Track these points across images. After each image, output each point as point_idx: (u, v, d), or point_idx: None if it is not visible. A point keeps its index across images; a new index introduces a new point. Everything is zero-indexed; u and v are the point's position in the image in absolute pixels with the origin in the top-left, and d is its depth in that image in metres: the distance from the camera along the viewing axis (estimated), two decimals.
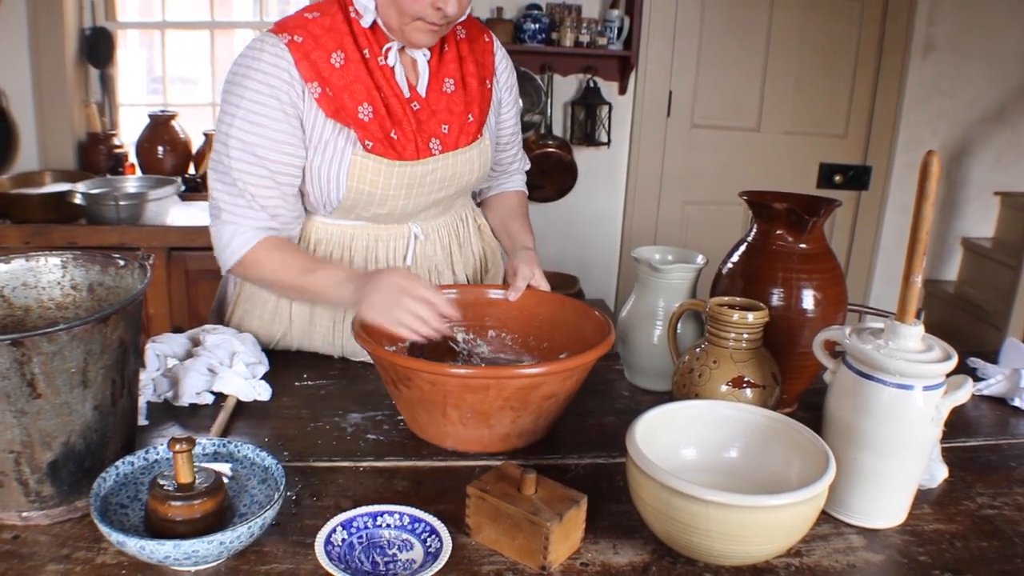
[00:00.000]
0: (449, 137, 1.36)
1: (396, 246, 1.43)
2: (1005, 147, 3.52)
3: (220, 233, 1.32)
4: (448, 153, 1.36)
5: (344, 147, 1.28)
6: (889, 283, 3.67)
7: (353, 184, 1.30)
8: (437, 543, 0.90)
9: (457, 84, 1.38)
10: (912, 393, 0.94)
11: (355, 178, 1.30)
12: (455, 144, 1.37)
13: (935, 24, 3.35)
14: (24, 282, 1.05)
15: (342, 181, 1.30)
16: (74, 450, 0.91)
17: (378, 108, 1.29)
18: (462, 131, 1.37)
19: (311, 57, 1.25)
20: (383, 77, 1.30)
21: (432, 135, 1.34)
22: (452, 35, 1.39)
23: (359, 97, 1.27)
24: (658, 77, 3.39)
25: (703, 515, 0.83)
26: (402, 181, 1.32)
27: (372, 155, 1.29)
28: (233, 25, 3.57)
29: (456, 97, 1.37)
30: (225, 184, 1.29)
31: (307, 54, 1.25)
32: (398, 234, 1.42)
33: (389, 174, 1.30)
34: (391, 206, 1.35)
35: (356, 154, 1.28)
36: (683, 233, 3.61)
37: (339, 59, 1.26)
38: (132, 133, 3.29)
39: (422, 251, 1.45)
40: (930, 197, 0.92)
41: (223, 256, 1.33)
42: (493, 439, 1.13)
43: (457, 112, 1.37)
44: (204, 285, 2.78)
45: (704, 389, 1.12)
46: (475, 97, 1.39)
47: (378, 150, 1.29)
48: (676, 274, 1.33)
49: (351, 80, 1.27)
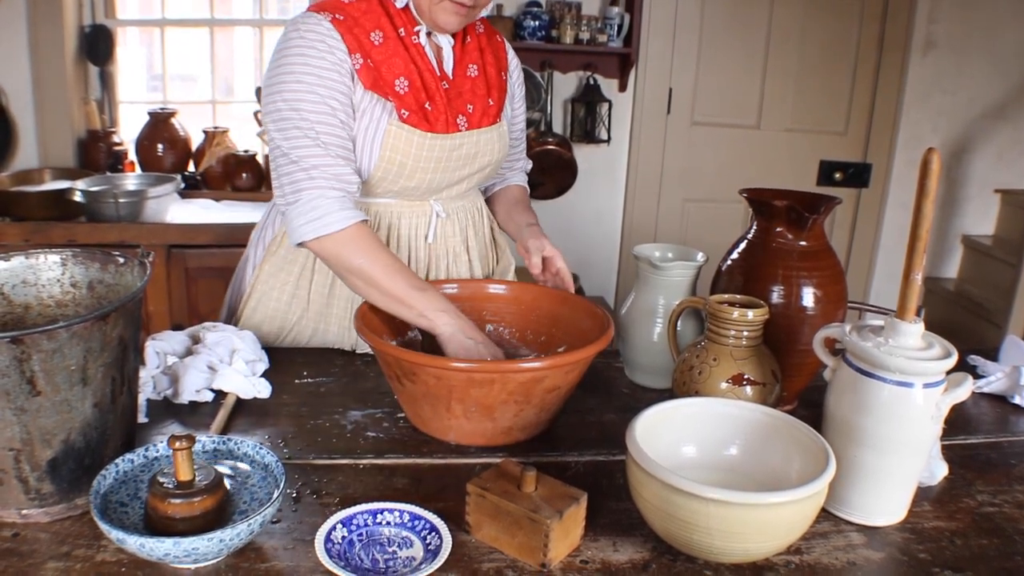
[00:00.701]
0: (473, 116, 1.43)
1: (419, 223, 1.47)
2: (1006, 144, 3.52)
3: (313, 204, 1.26)
4: (473, 131, 1.42)
5: (380, 116, 1.33)
6: (889, 280, 3.67)
7: (386, 154, 1.34)
8: (437, 540, 0.90)
9: (479, 70, 1.46)
10: (912, 391, 0.94)
11: (388, 147, 1.34)
12: (479, 123, 1.44)
13: (935, 21, 3.35)
14: (24, 280, 1.05)
15: (375, 150, 1.34)
16: (74, 448, 0.91)
17: (414, 81, 1.35)
18: (484, 112, 1.45)
19: (353, 32, 1.31)
20: (418, 54, 1.36)
21: (459, 112, 1.41)
22: (472, 29, 1.47)
23: (397, 71, 1.34)
24: (658, 74, 3.39)
25: (703, 512, 0.83)
26: (432, 154, 1.37)
27: (407, 125, 1.34)
28: (233, 22, 3.57)
29: (479, 81, 1.45)
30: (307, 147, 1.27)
31: (350, 29, 1.31)
32: (420, 211, 1.47)
33: (421, 145, 1.35)
34: (419, 179, 1.40)
35: (392, 124, 1.33)
36: (683, 230, 3.61)
37: (378, 37, 1.33)
38: (132, 130, 3.29)
39: (443, 230, 1.49)
40: (930, 194, 0.92)
41: (310, 225, 1.26)
42: (496, 432, 1.13)
43: (480, 95, 1.45)
44: (204, 283, 2.79)
45: (704, 386, 1.12)
46: (494, 84, 1.48)
47: (412, 120, 1.34)
48: (676, 271, 1.33)
49: (390, 55, 1.33)
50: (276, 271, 1.48)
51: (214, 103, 3.52)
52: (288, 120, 1.28)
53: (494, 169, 1.54)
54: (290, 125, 1.28)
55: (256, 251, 1.54)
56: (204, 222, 2.83)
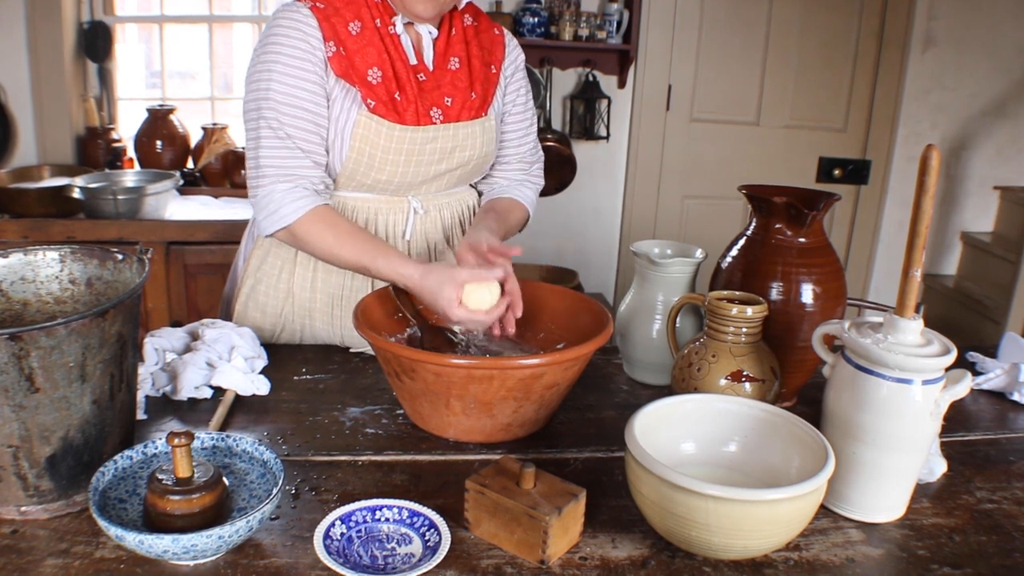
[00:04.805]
0: (451, 109, 1.40)
1: (396, 220, 1.46)
2: (1005, 141, 3.52)
3: (268, 199, 1.33)
4: (449, 124, 1.39)
5: (350, 107, 1.33)
6: (888, 277, 3.67)
7: (356, 144, 1.34)
8: (436, 537, 0.91)
9: (462, 63, 1.42)
10: (911, 387, 0.94)
11: (358, 138, 1.34)
12: (456, 117, 1.40)
13: (935, 18, 3.34)
14: (22, 276, 1.05)
15: (346, 140, 1.34)
16: (72, 444, 0.91)
17: (386, 72, 1.34)
18: (464, 106, 1.41)
19: (331, 20, 1.32)
20: (393, 45, 1.35)
21: (434, 104, 1.38)
22: (460, 20, 1.43)
23: (370, 60, 1.33)
24: (657, 71, 3.39)
25: (702, 509, 0.83)
26: (402, 146, 1.36)
27: (375, 116, 1.33)
28: (231, 19, 3.57)
29: (460, 74, 1.42)
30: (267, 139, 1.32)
31: (328, 17, 1.31)
32: (398, 207, 1.46)
33: (390, 136, 1.35)
34: (390, 172, 1.39)
35: (360, 114, 1.33)
36: (682, 227, 3.61)
37: (356, 27, 1.33)
38: (130, 127, 3.28)
39: (422, 226, 1.48)
40: (930, 191, 0.91)
41: (269, 220, 1.34)
42: (495, 428, 1.13)
43: (461, 88, 1.41)
44: (202, 279, 2.79)
45: (703, 383, 1.12)
46: (478, 77, 1.43)
47: (380, 111, 1.33)
48: (675, 268, 1.33)
49: (364, 44, 1.33)
50: (260, 263, 1.49)
51: (213, 100, 3.52)
52: (255, 111, 1.32)
53: (480, 165, 1.48)
54: (256, 116, 1.32)
55: (247, 245, 1.55)
56: (203, 219, 2.83)
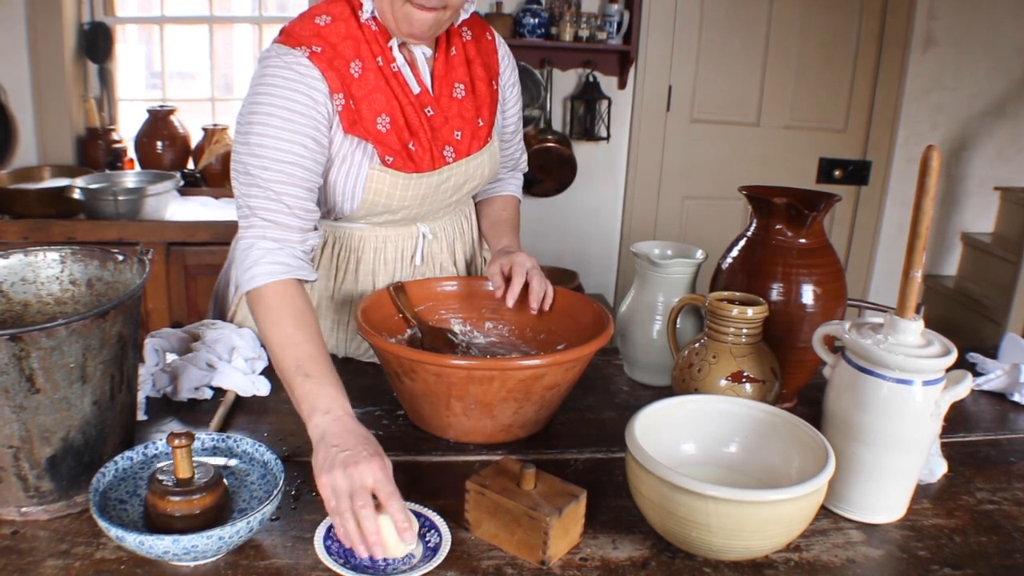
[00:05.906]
0: (462, 144, 1.34)
1: (405, 246, 1.42)
2: (1006, 141, 3.51)
3: (246, 255, 1.17)
4: (461, 160, 1.34)
5: (361, 161, 1.26)
6: (889, 278, 3.67)
7: (369, 197, 1.28)
8: (436, 538, 0.91)
9: (467, 89, 1.35)
10: (912, 388, 0.94)
11: (371, 191, 1.28)
12: (467, 151, 1.35)
13: (935, 18, 3.34)
14: (23, 277, 1.05)
15: (357, 193, 1.28)
16: (73, 445, 0.91)
17: (396, 118, 1.26)
18: (474, 136, 1.35)
19: (334, 65, 1.21)
20: (398, 85, 1.26)
21: (446, 143, 1.32)
22: (458, 36, 1.35)
23: (378, 107, 1.24)
24: (658, 72, 3.38)
25: (702, 510, 0.83)
26: (418, 192, 1.31)
27: (390, 169, 1.27)
28: (232, 20, 3.57)
29: (467, 103, 1.35)
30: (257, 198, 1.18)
31: (330, 63, 1.20)
32: (407, 234, 1.41)
33: (406, 186, 1.29)
34: (405, 212, 1.35)
35: (373, 168, 1.26)
36: (682, 228, 3.60)
37: (357, 69, 1.23)
38: (131, 128, 3.28)
39: (430, 250, 1.45)
40: (930, 192, 0.91)
41: (243, 278, 1.17)
42: (495, 430, 1.13)
43: (468, 118, 1.35)
44: (203, 280, 2.78)
45: (703, 384, 1.12)
46: (484, 101, 1.37)
47: (396, 164, 1.27)
48: (675, 269, 1.33)
49: (370, 90, 1.24)
50: None
51: (213, 100, 3.52)
52: (245, 164, 1.18)
53: (484, 184, 1.46)
54: (243, 170, 1.18)
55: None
56: (203, 220, 2.82)
